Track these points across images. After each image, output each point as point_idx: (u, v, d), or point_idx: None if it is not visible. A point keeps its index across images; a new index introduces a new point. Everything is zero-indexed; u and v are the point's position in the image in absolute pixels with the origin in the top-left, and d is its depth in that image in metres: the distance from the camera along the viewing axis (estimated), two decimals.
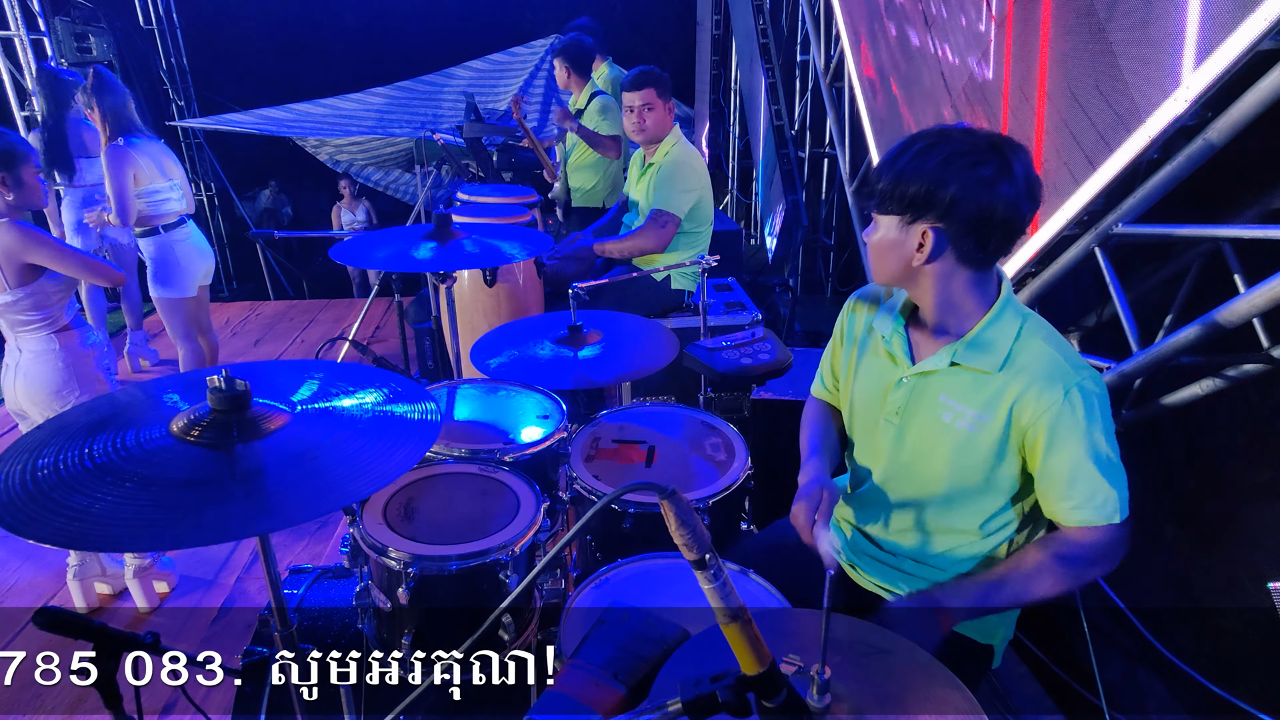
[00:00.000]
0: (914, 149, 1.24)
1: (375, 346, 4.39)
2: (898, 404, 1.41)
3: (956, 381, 1.34)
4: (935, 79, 2.83)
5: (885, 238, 1.29)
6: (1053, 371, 1.27)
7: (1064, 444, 1.26)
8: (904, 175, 1.23)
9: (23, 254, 2.25)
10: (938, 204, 1.21)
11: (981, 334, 1.31)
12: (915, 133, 1.27)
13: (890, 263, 1.31)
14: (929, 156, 1.21)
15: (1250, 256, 1.66)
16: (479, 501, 1.62)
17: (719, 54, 6.83)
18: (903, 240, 1.27)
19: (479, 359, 1.93)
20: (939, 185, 1.20)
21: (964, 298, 1.32)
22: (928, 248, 1.25)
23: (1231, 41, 1.45)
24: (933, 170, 1.20)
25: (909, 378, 1.39)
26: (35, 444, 1.06)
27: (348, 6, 6.90)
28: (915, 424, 1.39)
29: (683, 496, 0.83)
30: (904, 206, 1.24)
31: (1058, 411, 1.25)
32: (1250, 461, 1.82)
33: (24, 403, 2.43)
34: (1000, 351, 1.30)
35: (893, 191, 1.24)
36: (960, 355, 1.32)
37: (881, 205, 1.28)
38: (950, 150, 1.20)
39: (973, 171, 1.19)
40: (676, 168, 2.98)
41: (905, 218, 1.25)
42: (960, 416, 1.33)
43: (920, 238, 1.25)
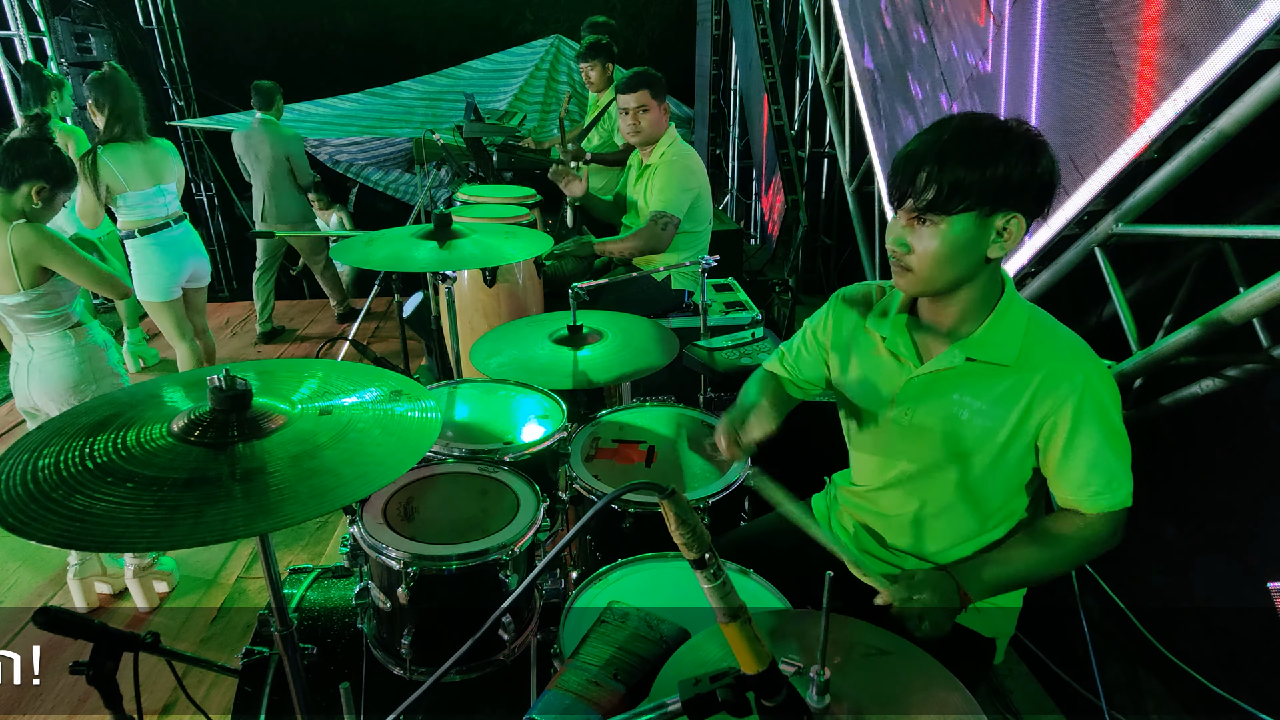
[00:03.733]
0: (961, 140, 1.18)
1: (375, 346, 4.38)
2: (908, 403, 1.40)
3: (972, 377, 1.33)
4: (935, 78, 2.83)
5: (958, 237, 1.21)
6: (1068, 359, 1.28)
7: (1086, 431, 1.27)
8: (962, 166, 1.17)
9: (39, 257, 2.29)
10: (1011, 189, 1.17)
11: (993, 327, 1.31)
12: (942, 127, 1.22)
13: (961, 263, 1.24)
14: (977, 142, 1.18)
15: (1250, 256, 1.66)
16: (479, 501, 1.62)
17: (719, 54, 6.83)
18: (978, 236, 1.21)
19: (479, 359, 1.93)
20: (1007, 169, 1.17)
21: (989, 290, 1.31)
22: (1015, 235, 1.22)
23: (1231, 41, 1.45)
24: (992, 155, 1.16)
25: (920, 377, 1.38)
26: (35, 444, 1.06)
27: (348, 6, 6.89)
28: (928, 423, 1.38)
29: (683, 496, 0.83)
30: (978, 200, 1.18)
31: (1079, 398, 1.26)
32: (1250, 461, 1.82)
33: (39, 400, 2.45)
34: (1013, 344, 1.30)
35: (955, 189, 1.17)
36: (975, 350, 1.32)
37: (944, 206, 1.19)
38: (997, 135, 1.18)
39: (1025, 148, 1.18)
40: (674, 168, 2.98)
41: (981, 211, 1.19)
42: (978, 413, 1.33)
43: (1000, 227, 1.21)
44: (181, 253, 3.60)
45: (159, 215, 3.49)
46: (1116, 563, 2.17)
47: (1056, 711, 2.24)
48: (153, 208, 3.47)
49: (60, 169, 2.37)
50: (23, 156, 2.30)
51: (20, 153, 2.30)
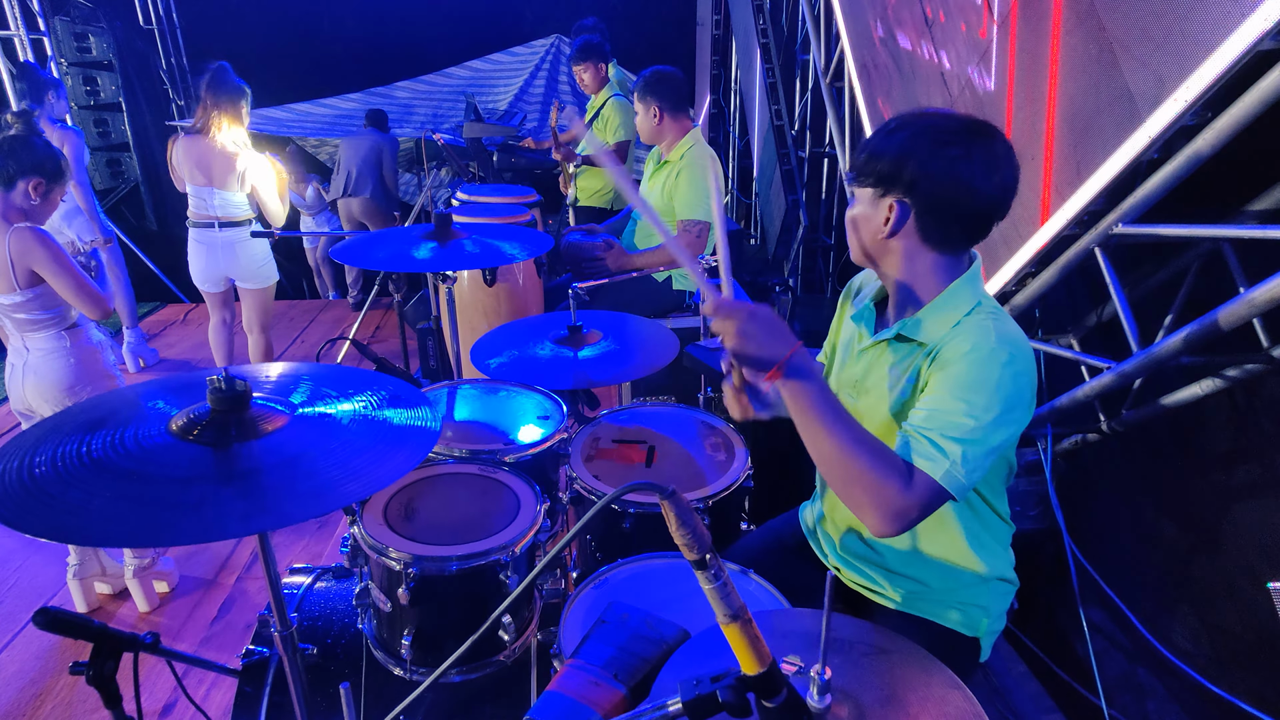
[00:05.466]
0: (891, 125, 1.28)
1: (375, 347, 4.39)
2: (855, 376, 1.45)
3: (901, 352, 1.36)
4: (935, 79, 2.83)
5: (860, 211, 1.33)
6: (977, 334, 1.24)
7: (942, 378, 1.23)
8: (876, 149, 1.27)
9: (30, 259, 2.29)
10: (902, 178, 1.24)
11: (931, 310, 1.32)
12: (914, 111, 1.30)
13: (862, 235, 1.35)
14: (901, 132, 1.25)
15: (1250, 256, 1.66)
16: (479, 502, 1.62)
17: (719, 54, 6.82)
18: (872, 214, 1.30)
19: (479, 359, 1.94)
20: (904, 159, 1.23)
21: (927, 278, 1.32)
22: (892, 221, 1.28)
23: (1231, 41, 1.45)
24: (900, 144, 1.24)
25: (867, 348, 1.42)
26: (32, 442, 1.06)
27: (348, 6, 6.89)
28: (868, 396, 1.42)
29: (683, 496, 0.83)
30: (875, 179, 1.28)
31: (956, 353, 1.23)
32: (1249, 461, 1.82)
33: (34, 401, 2.45)
34: (944, 326, 1.29)
35: (865, 164, 1.29)
36: (907, 327, 1.33)
37: (857, 178, 1.31)
38: (923, 127, 1.24)
39: (939, 150, 1.22)
40: (695, 171, 2.97)
41: (877, 191, 1.29)
42: (897, 384, 1.34)
43: (887, 210, 1.28)
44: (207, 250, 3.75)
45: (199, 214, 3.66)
46: (1117, 563, 2.17)
47: (1056, 711, 2.24)
48: (203, 204, 3.61)
49: (53, 163, 2.36)
50: (15, 153, 2.30)
51: (12, 150, 2.30)
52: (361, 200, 5.49)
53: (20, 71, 4.20)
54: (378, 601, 1.49)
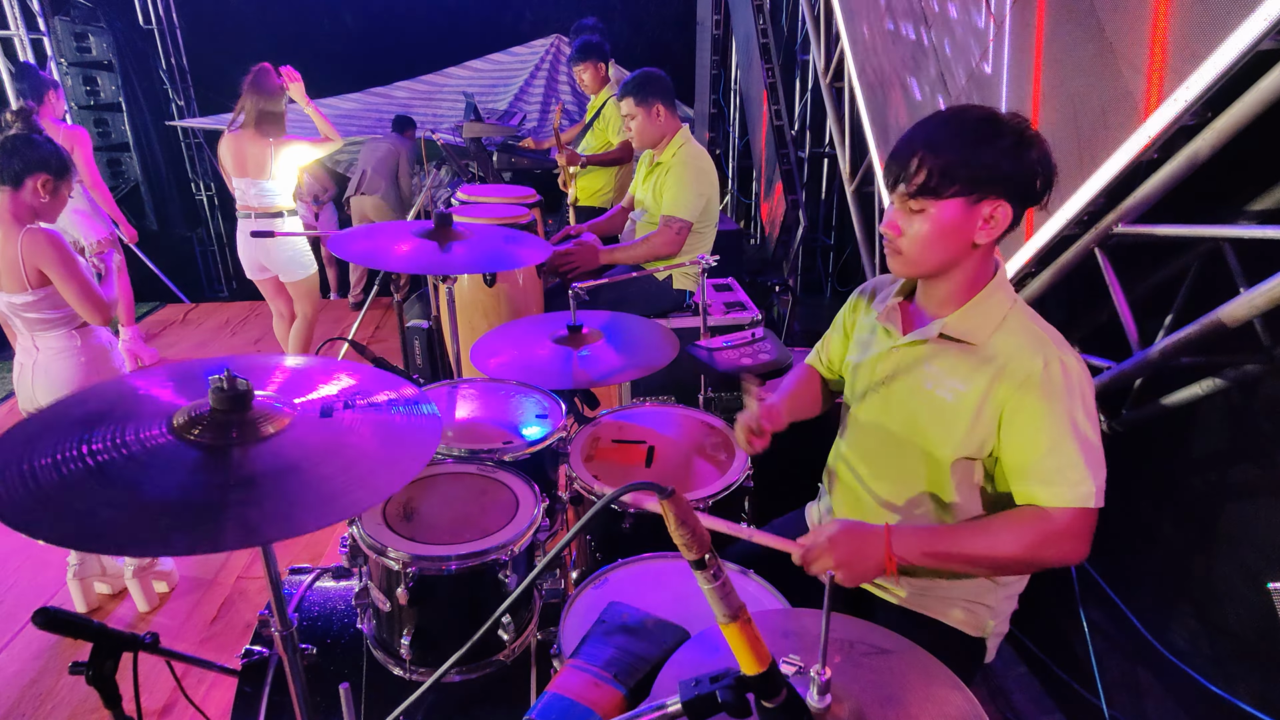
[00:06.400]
0: (932, 130, 1.25)
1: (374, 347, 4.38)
2: (885, 373, 1.45)
3: (943, 352, 1.36)
4: (935, 78, 2.83)
5: (946, 222, 1.27)
6: (1035, 345, 1.28)
7: (1043, 415, 1.25)
8: (952, 157, 1.23)
9: (40, 260, 2.29)
10: (994, 178, 1.23)
11: (972, 309, 1.34)
12: (935, 116, 1.28)
13: (948, 247, 1.29)
14: (957, 134, 1.24)
15: (1250, 256, 1.66)
16: (478, 501, 1.62)
17: (719, 54, 6.82)
18: (965, 220, 1.26)
19: (479, 359, 1.94)
20: (987, 159, 1.22)
21: (981, 276, 1.34)
22: (998, 223, 1.26)
23: (1231, 41, 1.45)
24: (970, 145, 1.22)
25: (899, 347, 1.43)
26: (30, 439, 1.04)
27: (348, 6, 6.89)
28: (900, 393, 1.42)
29: (683, 496, 0.83)
30: (965, 186, 1.23)
31: (1037, 382, 1.25)
32: (1249, 461, 1.82)
33: (43, 400, 2.46)
34: (989, 326, 1.32)
35: (943, 176, 1.23)
36: (949, 327, 1.34)
37: (932, 191, 1.25)
38: (972, 124, 1.24)
39: (994, 141, 1.22)
40: (687, 170, 2.97)
41: (970, 199, 1.24)
42: (941, 385, 1.35)
43: (988, 215, 1.25)
44: (244, 242, 4.02)
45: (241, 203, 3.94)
46: (1117, 563, 2.17)
47: (1056, 711, 2.24)
48: (243, 196, 3.89)
49: (58, 159, 2.37)
50: (20, 151, 2.30)
51: (16, 148, 2.31)
52: (374, 200, 5.61)
53: (20, 71, 4.22)
54: (377, 601, 1.49)
